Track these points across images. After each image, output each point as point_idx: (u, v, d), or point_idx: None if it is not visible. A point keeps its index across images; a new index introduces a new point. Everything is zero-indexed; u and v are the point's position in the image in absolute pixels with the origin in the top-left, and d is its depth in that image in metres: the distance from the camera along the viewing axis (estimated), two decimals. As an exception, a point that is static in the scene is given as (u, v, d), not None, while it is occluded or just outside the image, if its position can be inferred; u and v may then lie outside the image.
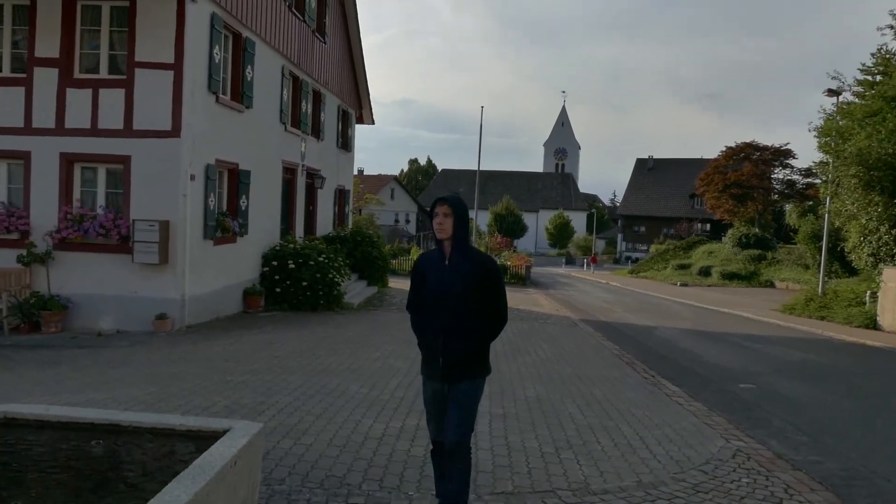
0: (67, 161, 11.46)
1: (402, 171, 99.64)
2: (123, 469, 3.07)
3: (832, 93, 21.04)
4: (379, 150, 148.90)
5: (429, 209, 3.89)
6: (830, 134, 20.51)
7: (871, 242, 18.50)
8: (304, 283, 14.79)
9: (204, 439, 3.32)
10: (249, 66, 13.78)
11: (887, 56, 29.91)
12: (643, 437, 6.24)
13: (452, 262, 3.80)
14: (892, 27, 18.80)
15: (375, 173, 69.84)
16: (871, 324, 17.69)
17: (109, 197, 11.74)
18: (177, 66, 11.26)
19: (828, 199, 20.41)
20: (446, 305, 3.77)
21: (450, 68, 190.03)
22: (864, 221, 18.42)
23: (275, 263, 14.90)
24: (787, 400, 8.80)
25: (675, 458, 5.67)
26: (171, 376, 7.79)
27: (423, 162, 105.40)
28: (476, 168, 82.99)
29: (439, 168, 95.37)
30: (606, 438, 6.14)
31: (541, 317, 16.58)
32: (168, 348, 9.79)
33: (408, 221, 65.47)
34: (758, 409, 8.15)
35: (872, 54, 31.81)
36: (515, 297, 21.72)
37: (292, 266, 14.83)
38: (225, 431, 3.38)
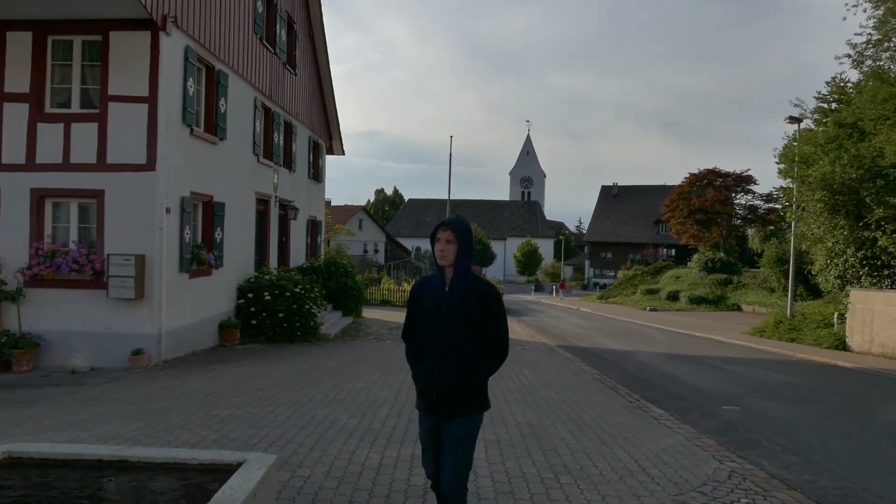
0: (38, 196, 11.24)
1: (369, 201, 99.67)
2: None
3: (794, 120, 21.70)
4: (345, 180, 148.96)
5: (430, 235, 3.69)
6: (791, 160, 21.13)
7: (838, 265, 18.98)
8: (281, 315, 14.63)
9: (217, 472, 3.26)
10: (223, 99, 13.74)
11: (842, 84, 31.10)
12: (638, 461, 6.26)
13: (452, 289, 3.59)
14: (849, 56, 19.52)
15: (342, 204, 69.69)
16: (841, 345, 18.08)
17: (82, 232, 11.52)
18: (151, 99, 11.18)
19: (793, 223, 20.93)
20: (443, 334, 3.55)
21: (414, 99, 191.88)
22: (830, 245, 18.91)
23: (250, 295, 14.71)
24: (772, 421, 8.91)
25: (673, 481, 5.70)
26: (155, 412, 7.60)
27: (389, 192, 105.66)
28: (442, 197, 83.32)
29: (406, 198, 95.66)
30: (602, 462, 6.14)
31: (518, 343, 16.60)
32: (147, 384, 9.56)
33: (376, 251, 65.27)
34: (745, 430, 8.24)
35: (827, 83, 32.99)
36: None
37: (268, 298, 14.67)
38: (239, 464, 3.32)
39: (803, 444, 7.60)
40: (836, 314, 19.45)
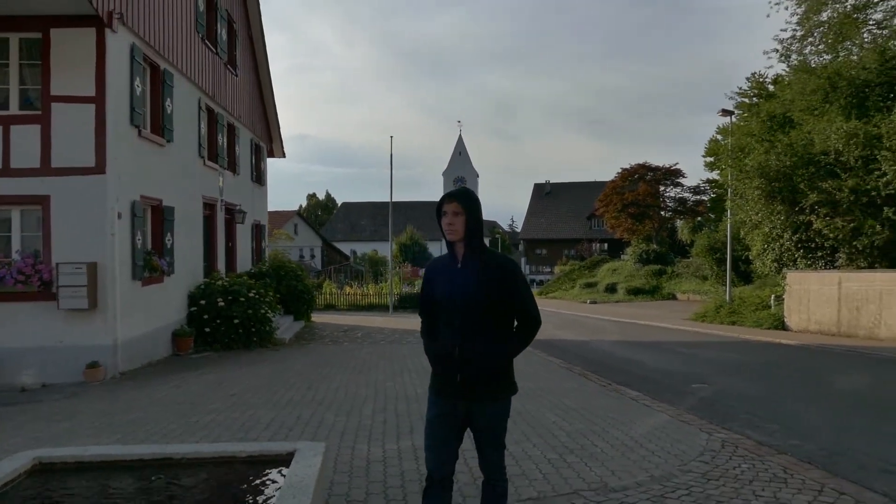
0: (-23, 204, 10.60)
1: (301, 206, 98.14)
2: (212, 501, 2.85)
3: (726, 112, 22.57)
4: (275, 185, 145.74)
5: (436, 209, 3.35)
6: (718, 153, 22.05)
7: (775, 249, 19.85)
8: (237, 321, 14.24)
9: (271, 463, 3.16)
10: (168, 99, 13.28)
11: (761, 80, 32.60)
12: (634, 438, 6.38)
13: (466, 265, 3.29)
14: (776, 51, 20.45)
15: (274, 209, 68.39)
16: (780, 324, 18.91)
17: (26, 240, 10.92)
18: (98, 99, 10.70)
19: (729, 211, 21.79)
20: (461, 312, 3.24)
21: (343, 102, 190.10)
22: (767, 230, 19.77)
23: (203, 302, 14.26)
24: (741, 396, 9.24)
25: (673, 453, 5.83)
26: (129, 423, 7.27)
27: (322, 196, 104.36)
28: (376, 200, 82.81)
29: (339, 202, 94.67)
30: (601, 441, 6.24)
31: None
32: (110, 397, 9.13)
33: (313, 256, 64.34)
34: (720, 405, 8.52)
35: (748, 78, 34.57)
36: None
37: (222, 304, 14.25)
38: (290, 453, 3.23)
39: (778, 415, 7.91)
40: (773, 296, 20.34)
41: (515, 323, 3.40)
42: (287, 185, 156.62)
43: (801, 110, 18.52)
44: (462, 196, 3.32)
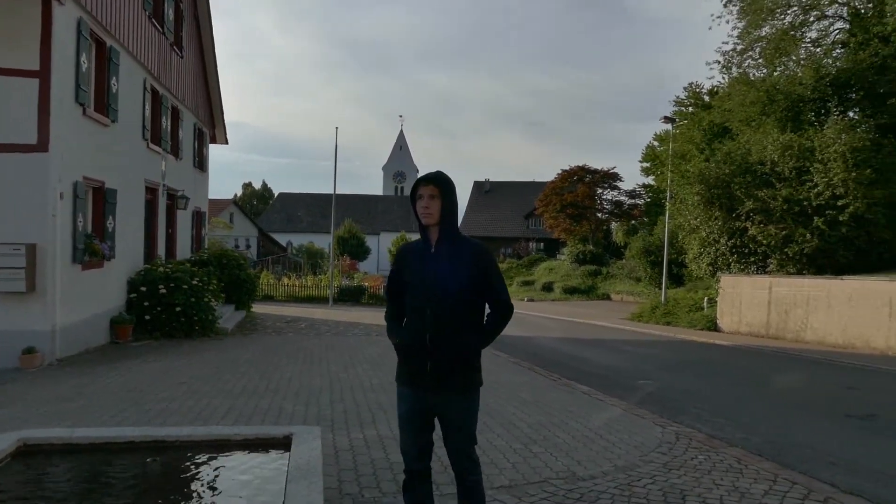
0: None
1: (236, 195, 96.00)
2: (212, 484, 2.80)
3: (668, 119, 23.26)
4: (210, 173, 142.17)
5: (411, 192, 3.30)
6: (655, 158, 22.75)
7: (710, 253, 20.63)
8: (179, 309, 13.84)
9: (267, 447, 3.14)
10: (114, 78, 12.81)
11: (697, 91, 33.70)
12: (593, 430, 6.56)
13: (439, 251, 3.23)
14: (719, 62, 21.17)
15: (210, 197, 66.57)
16: (712, 326, 19.67)
17: (-42, 219, 10.36)
18: (43, 74, 10.22)
19: (667, 214, 22.53)
20: (433, 299, 3.17)
21: (280, 92, 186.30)
22: (704, 234, 20.53)
23: (143, 289, 13.81)
24: (686, 392, 9.60)
25: (632, 444, 6.03)
26: (79, 410, 7.01)
27: (257, 186, 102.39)
28: (313, 191, 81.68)
29: (275, 192, 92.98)
30: (562, 433, 6.39)
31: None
32: (52, 384, 8.76)
33: (248, 246, 63.02)
34: (668, 400, 8.83)
35: (685, 88, 35.69)
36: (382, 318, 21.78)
37: (164, 291, 13.83)
38: (286, 437, 3.22)
39: (724, 409, 8.26)
40: (706, 298, 21.12)
41: (487, 310, 3.33)
42: (221, 173, 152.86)
43: (740, 121, 19.30)
44: (439, 180, 3.26)
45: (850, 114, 20.04)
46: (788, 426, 7.49)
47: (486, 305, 3.36)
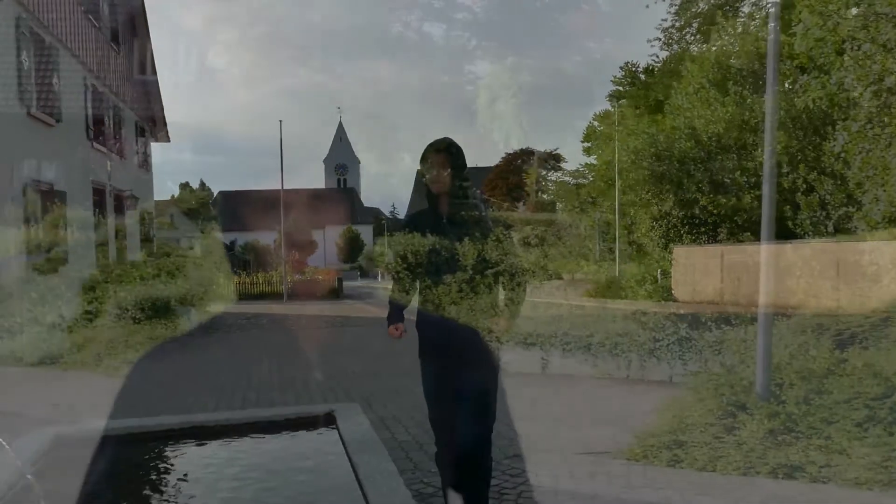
0: None
1: (173, 195, 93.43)
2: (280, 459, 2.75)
3: (613, 97, 23.66)
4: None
5: (421, 160, 3.24)
6: (595, 138, 23.19)
7: (663, 226, 21.17)
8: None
9: (312, 424, 3.11)
10: (56, 76, 12.31)
11: (633, 69, 34.39)
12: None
13: (452, 220, 3.19)
14: (660, 39, 21.65)
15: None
16: (669, 296, 20.19)
17: None
18: (-16, 73, 9.78)
19: (617, 191, 23.03)
20: (447, 272, 3.11)
21: (210, 87, 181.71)
22: (655, 209, 21.05)
23: (98, 293, 13.37)
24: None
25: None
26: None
27: (195, 185, 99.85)
28: (255, 188, 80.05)
29: (214, 191, 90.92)
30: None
31: (378, 321, 16.72)
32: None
33: (191, 248, 61.61)
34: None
35: (621, 68, 36.36)
36: (343, 309, 21.79)
37: (121, 294, 13.42)
38: (328, 413, 3.18)
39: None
40: (659, 270, 21.65)
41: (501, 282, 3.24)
42: (156, 173, 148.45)
43: (686, 95, 19.82)
44: (447, 144, 3.22)
45: (787, 84, 20.79)
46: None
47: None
